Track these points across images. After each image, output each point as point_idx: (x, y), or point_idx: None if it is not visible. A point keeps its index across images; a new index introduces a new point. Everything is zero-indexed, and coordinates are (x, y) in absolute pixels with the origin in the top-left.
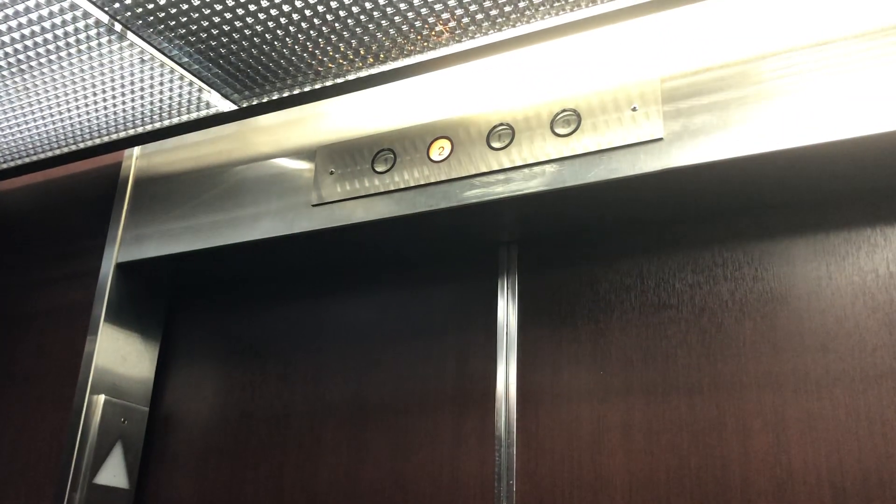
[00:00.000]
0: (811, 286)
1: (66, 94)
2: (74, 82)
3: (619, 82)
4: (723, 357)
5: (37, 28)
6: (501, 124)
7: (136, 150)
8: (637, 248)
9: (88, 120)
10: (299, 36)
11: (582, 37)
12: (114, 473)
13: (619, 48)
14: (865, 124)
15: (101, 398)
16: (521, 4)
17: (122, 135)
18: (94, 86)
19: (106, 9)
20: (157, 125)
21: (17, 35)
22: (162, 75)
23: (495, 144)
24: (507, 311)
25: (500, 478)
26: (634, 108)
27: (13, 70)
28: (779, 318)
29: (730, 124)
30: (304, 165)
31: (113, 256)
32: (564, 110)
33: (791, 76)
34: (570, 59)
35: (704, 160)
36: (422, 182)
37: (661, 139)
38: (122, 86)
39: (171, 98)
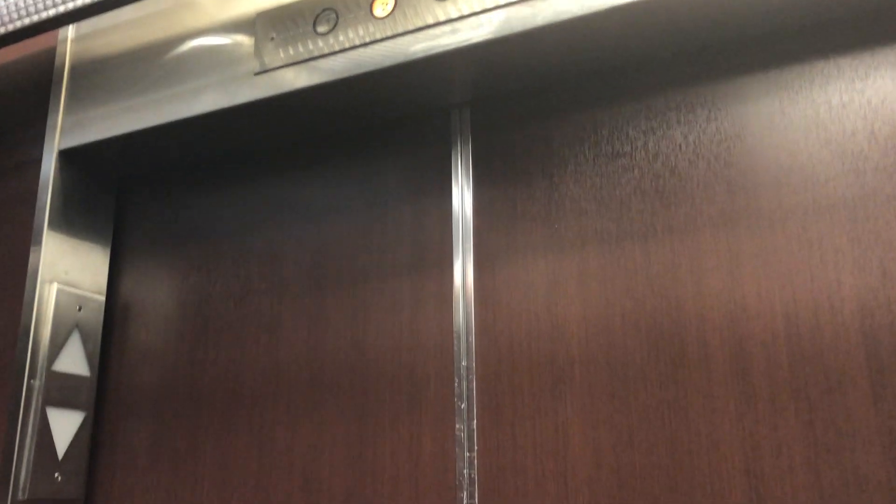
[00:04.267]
0: (764, 123)
1: None
2: None
3: None
4: (676, 200)
5: None
6: None
7: (70, 34)
8: (589, 100)
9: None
10: None
11: None
12: (73, 361)
13: None
14: None
15: (54, 286)
16: None
17: (52, 12)
18: None
19: None
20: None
21: None
22: None
23: None
24: (461, 176)
25: (458, 336)
26: None
27: None
28: (732, 158)
29: None
30: (243, 35)
31: (54, 144)
32: None
33: None
34: None
35: None
36: (366, 40)
37: None
38: None
39: None
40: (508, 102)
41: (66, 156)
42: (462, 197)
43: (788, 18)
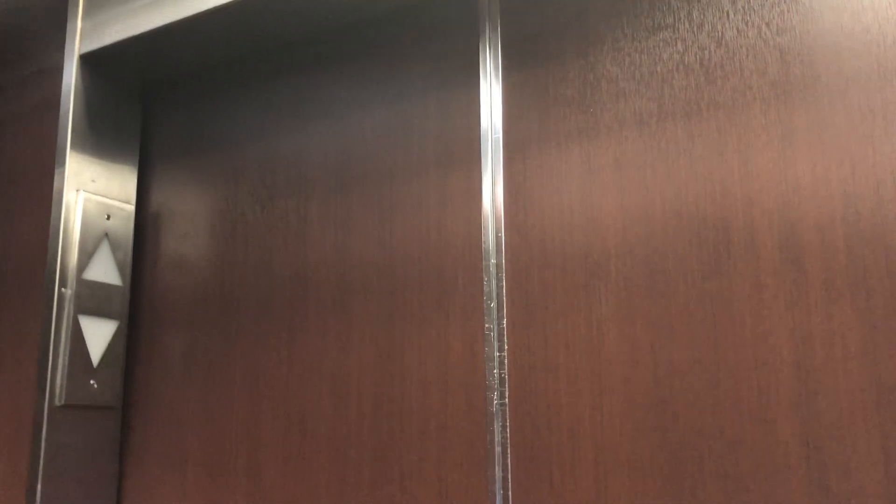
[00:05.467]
0: None
1: None
2: None
3: None
4: (723, 74)
5: None
6: None
7: None
8: None
9: None
10: None
11: None
12: (104, 270)
13: None
14: None
15: (81, 195)
16: None
17: None
18: None
19: None
20: None
21: None
22: None
23: None
24: (489, 62)
25: (488, 233)
26: None
27: None
28: (786, 23)
29: None
30: None
31: (75, 49)
32: None
33: None
34: None
35: None
36: None
37: None
38: None
39: None
40: None
41: (88, 60)
42: (490, 84)
43: None
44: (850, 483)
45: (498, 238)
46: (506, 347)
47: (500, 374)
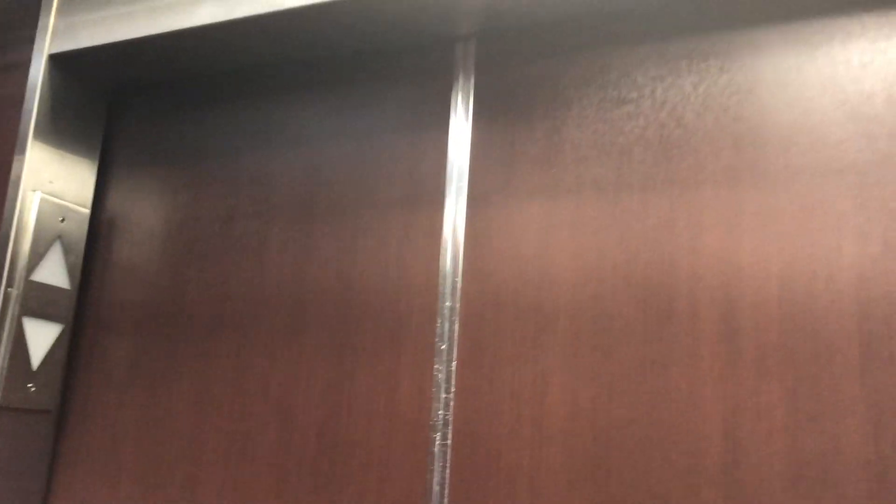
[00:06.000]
0: (779, 78)
1: None
2: None
3: None
4: (680, 153)
5: None
6: None
7: None
8: (600, 41)
9: None
10: None
11: None
12: (53, 272)
13: None
14: None
15: (37, 195)
16: None
17: None
18: None
19: None
20: None
21: None
22: None
23: None
24: (460, 112)
25: (445, 276)
26: None
27: None
28: (742, 112)
29: None
30: None
31: (45, 47)
32: None
33: None
34: None
35: None
36: None
37: None
38: None
39: None
40: (516, 38)
41: (57, 61)
42: (460, 133)
43: None
44: None
45: (454, 283)
46: (453, 390)
47: (445, 415)
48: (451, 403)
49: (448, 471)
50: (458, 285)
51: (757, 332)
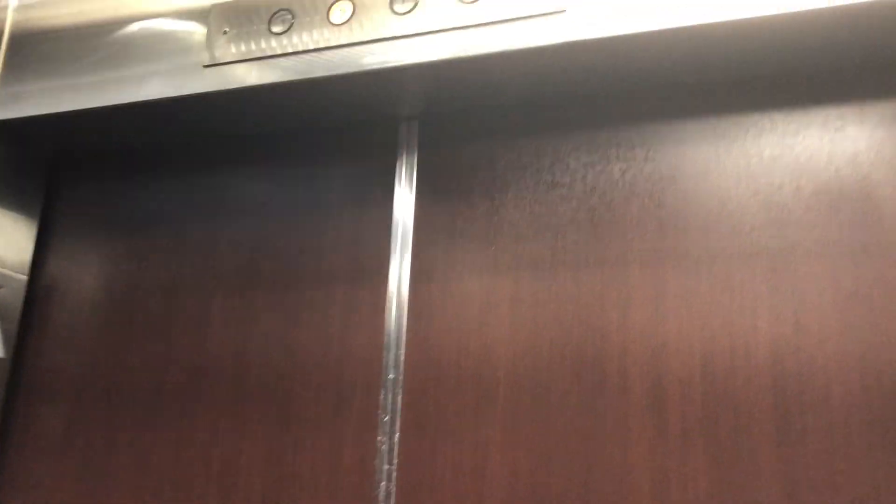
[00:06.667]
0: (699, 168)
1: None
2: None
3: None
4: (609, 235)
5: None
6: None
7: (13, 1)
8: (535, 127)
9: None
10: None
11: None
12: None
13: None
14: (753, 6)
15: None
16: None
17: None
18: None
19: None
20: None
21: None
22: None
23: (399, 9)
24: (404, 188)
25: (388, 348)
26: None
27: None
28: (666, 199)
29: None
30: (196, 25)
31: None
32: None
33: None
34: None
35: (605, 34)
36: (321, 45)
37: (564, 11)
38: None
39: None
40: (457, 120)
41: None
42: (403, 209)
43: (729, 70)
44: None
45: (398, 354)
46: (395, 461)
47: (388, 487)
48: (394, 475)
49: None
50: (402, 357)
51: (682, 405)
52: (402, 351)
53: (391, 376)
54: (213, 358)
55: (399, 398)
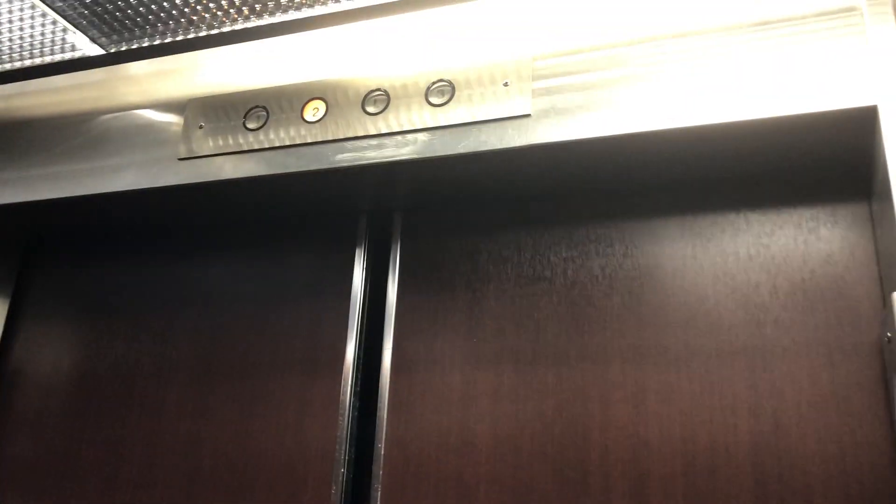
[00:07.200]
0: (677, 265)
1: None
2: None
3: (492, 58)
4: (590, 329)
5: None
6: (378, 90)
7: None
8: (516, 221)
9: None
10: None
11: (459, 11)
12: None
13: (495, 26)
14: (725, 112)
15: None
16: None
17: None
18: None
19: None
20: (17, 65)
21: None
22: (22, 10)
23: (370, 109)
24: (361, 280)
25: (340, 442)
26: (506, 83)
27: None
28: (645, 295)
29: (595, 105)
30: (173, 118)
31: None
32: (440, 80)
33: (655, 63)
34: (448, 32)
35: (568, 138)
36: (295, 142)
37: (528, 115)
38: None
39: (32, 37)
40: (439, 212)
41: None
42: (359, 301)
43: (701, 170)
44: None
45: (349, 451)
46: None
47: None
48: None
49: None
50: (382, 452)
51: (665, 503)
52: (382, 445)
53: (343, 472)
54: (167, 447)
55: (379, 492)
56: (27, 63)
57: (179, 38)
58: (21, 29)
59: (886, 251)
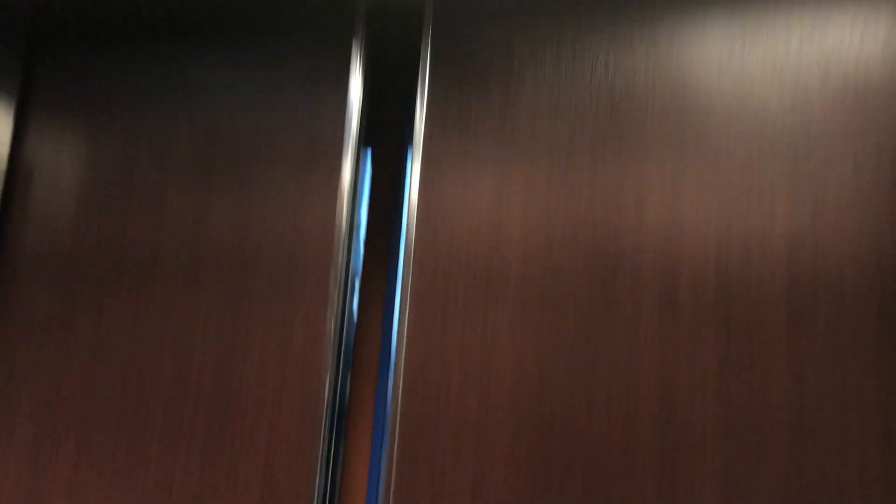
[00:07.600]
0: (724, 57)
1: None
2: None
3: None
4: (630, 119)
5: None
6: None
7: None
8: (557, 12)
9: None
10: None
11: None
12: None
13: None
14: None
15: None
16: None
17: None
18: None
19: None
20: None
21: None
22: None
23: None
24: (357, 70)
25: (341, 230)
26: None
27: None
28: (689, 87)
29: None
30: None
31: None
32: None
33: None
34: None
35: None
36: None
37: None
38: None
39: None
40: (473, 4)
41: None
42: (357, 94)
43: None
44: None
45: (349, 235)
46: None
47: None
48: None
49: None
50: (413, 239)
51: (695, 295)
52: (414, 232)
53: (342, 258)
54: (169, 241)
55: (410, 283)
56: None
57: None
58: None
59: None
